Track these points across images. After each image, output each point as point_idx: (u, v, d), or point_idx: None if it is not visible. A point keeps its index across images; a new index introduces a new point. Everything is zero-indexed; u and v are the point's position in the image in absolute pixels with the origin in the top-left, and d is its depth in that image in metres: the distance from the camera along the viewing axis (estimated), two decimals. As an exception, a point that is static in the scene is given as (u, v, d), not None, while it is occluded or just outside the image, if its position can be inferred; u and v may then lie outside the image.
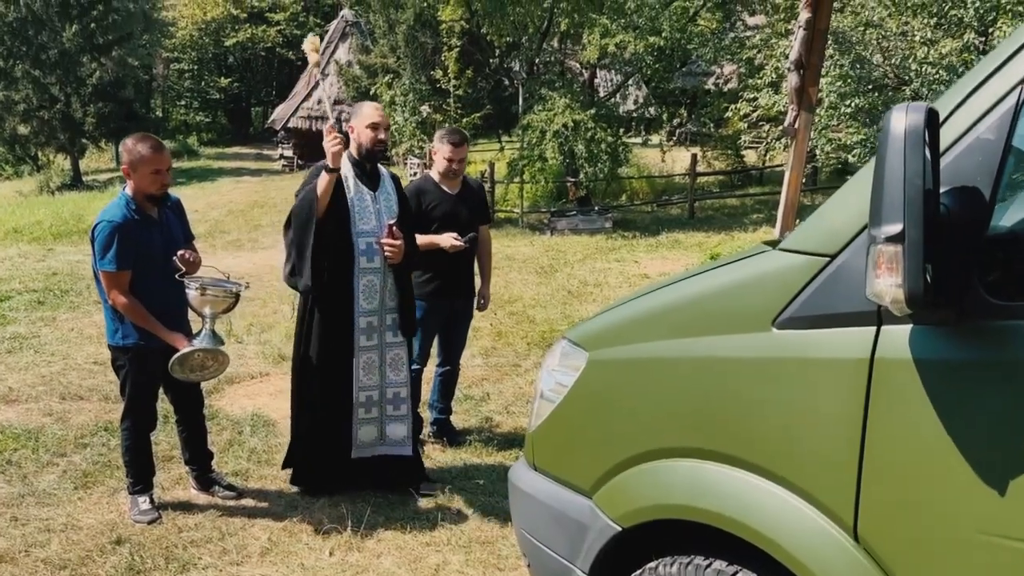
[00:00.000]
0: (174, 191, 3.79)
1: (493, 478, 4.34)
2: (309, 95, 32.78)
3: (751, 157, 20.88)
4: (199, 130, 41.97)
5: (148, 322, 3.46)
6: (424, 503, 3.97)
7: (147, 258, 3.49)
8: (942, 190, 1.46)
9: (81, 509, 3.81)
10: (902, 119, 1.36)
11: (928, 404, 1.53)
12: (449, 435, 4.78)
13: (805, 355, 1.70)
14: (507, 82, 19.21)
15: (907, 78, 9.72)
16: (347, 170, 3.83)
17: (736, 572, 1.85)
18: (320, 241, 3.68)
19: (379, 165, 4.00)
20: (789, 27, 12.78)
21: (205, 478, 3.98)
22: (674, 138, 23.86)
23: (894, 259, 1.35)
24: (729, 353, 1.82)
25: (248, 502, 3.96)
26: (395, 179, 4.11)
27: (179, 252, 3.50)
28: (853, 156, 9.99)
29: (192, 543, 3.51)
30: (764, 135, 13.44)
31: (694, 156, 16.80)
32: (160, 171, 3.50)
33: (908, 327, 1.56)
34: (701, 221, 15.64)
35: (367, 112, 3.87)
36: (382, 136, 3.85)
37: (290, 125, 32.51)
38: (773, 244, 1.97)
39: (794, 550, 1.70)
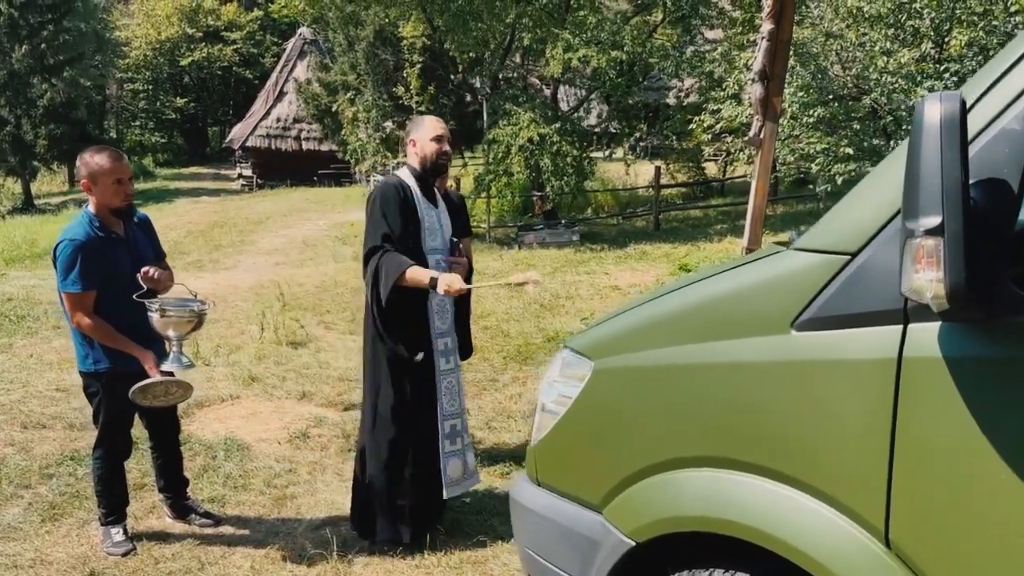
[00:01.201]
0: None
1: (479, 496, 4.24)
2: (268, 113, 32.48)
3: (711, 169, 21.12)
4: (154, 151, 41.29)
5: (117, 340, 3.30)
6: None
7: (113, 278, 3.32)
8: (971, 182, 1.42)
9: (49, 543, 3.62)
10: (936, 109, 1.32)
11: (960, 403, 1.49)
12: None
13: (827, 357, 1.65)
14: (470, 98, 19.20)
15: (867, 87, 9.88)
16: (413, 186, 3.67)
17: (759, 584, 1.79)
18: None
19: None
20: (752, 39, 12.95)
21: (181, 506, 3.82)
22: (634, 152, 24.04)
23: (933, 253, 1.31)
24: (746, 357, 1.76)
25: (226, 529, 3.81)
26: (445, 196, 4.00)
27: (143, 269, 3.34)
28: (816, 165, 10.11)
29: (170, 574, 3.35)
30: (726, 146, 13.58)
31: (658, 169, 16.91)
32: (122, 181, 3.35)
33: (936, 325, 1.52)
34: (666, 233, 15.72)
35: (430, 124, 3.72)
36: (446, 148, 3.71)
37: (249, 144, 32.17)
38: (786, 244, 1.93)
39: (823, 559, 1.64)
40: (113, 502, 3.57)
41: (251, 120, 32.88)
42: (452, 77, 18.52)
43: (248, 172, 33.00)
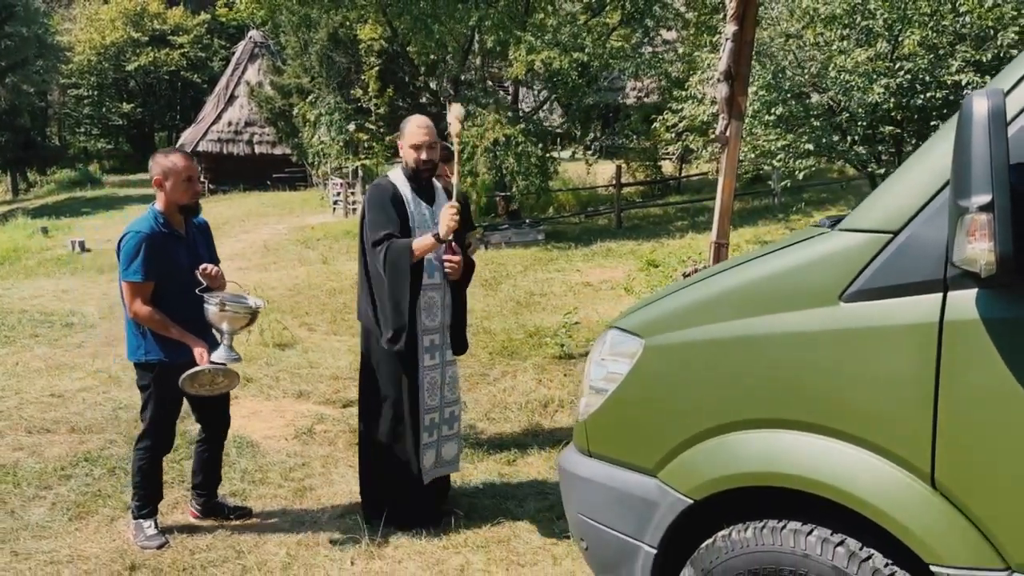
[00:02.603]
0: (81, 222, 3.76)
1: (491, 481, 4.42)
2: (219, 117, 32.08)
3: (667, 167, 21.58)
4: (100, 157, 40.45)
5: (170, 329, 3.47)
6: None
7: (171, 273, 3.51)
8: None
9: (81, 539, 3.69)
10: (984, 103, 1.54)
11: (996, 358, 1.71)
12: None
13: (874, 324, 1.86)
14: (429, 99, 19.30)
15: (824, 86, 10.30)
16: (403, 185, 3.81)
17: (811, 530, 2.00)
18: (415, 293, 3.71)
19: (433, 180, 3.95)
20: (707, 40, 13.35)
21: (211, 504, 3.91)
22: (589, 151, 24.41)
23: (986, 226, 1.53)
24: (799, 328, 1.97)
25: (253, 521, 3.92)
26: (449, 194, 3.98)
27: (203, 266, 3.52)
28: (778, 161, 10.49)
29: (210, 563, 3.46)
30: (687, 142, 13.96)
31: (618, 167, 17.25)
32: (192, 179, 3.58)
33: (973, 291, 1.74)
34: (629, 230, 16.06)
35: (410, 132, 3.76)
36: (424, 156, 3.75)
37: (200, 149, 31.69)
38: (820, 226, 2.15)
39: (875, 500, 1.86)
40: (149, 494, 3.67)
41: (202, 124, 32.44)
42: (407, 80, 18.61)
43: (199, 177, 32.56)
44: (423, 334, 3.84)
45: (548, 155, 15.23)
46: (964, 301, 1.76)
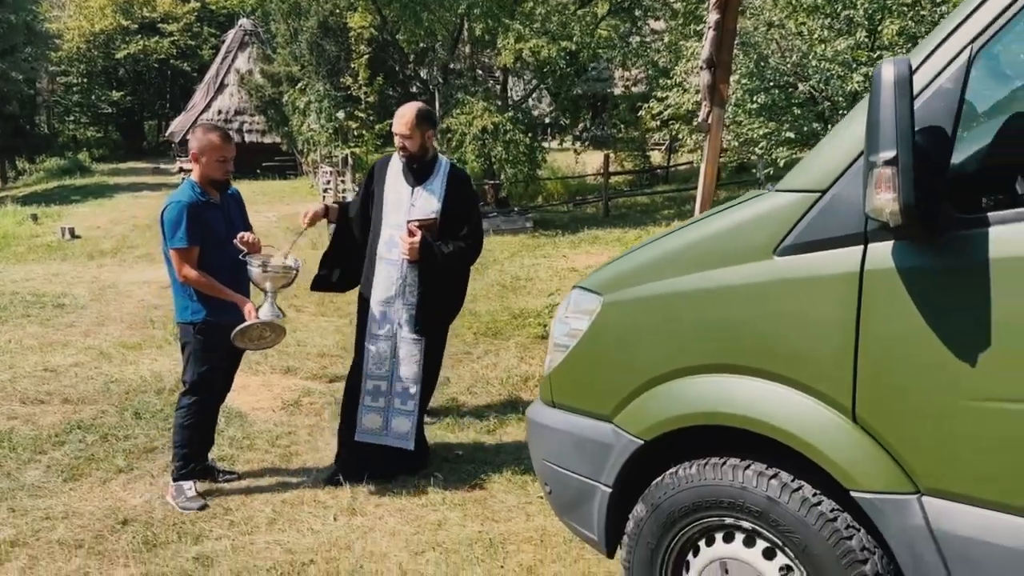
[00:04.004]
0: (71, 209, 3.95)
1: (470, 448, 4.61)
2: (208, 106, 32.09)
3: (655, 157, 21.77)
4: (89, 146, 40.33)
5: (217, 290, 3.70)
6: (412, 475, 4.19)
7: (209, 238, 3.73)
8: (916, 128, 1.82)
9: (76, 499, 3.86)
10: (891, 70, 1.72)
11: (910, 303, 1.89)
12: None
13: (803, 275, 2.04)
14: (418, 88, 19.40)
15: (805, 75, 10.48)
16: (397, 163, 4.14)
17: (748, 465, 2.19)
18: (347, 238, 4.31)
19: (441, 164, 4.16)
20: (695, 30, 13.50)
21: (203, 468, 4.06)
22: (579, 142, 24.58)
23: (891, 179, 1.71)
24: (738, 281, 2.15)
25: (241, 483, 4.09)
26: (455, 180, 4.15)
27: (240, 234, 3.77)
28: (760, 149, 10.69)
29: (199, 518, 3.64)
30: (673, 132, 14.13)
31: (606, 157, 17.42)
32: (226, 159, 3.78)
33: (890, 243, 1.92)
34: (616, 218, 16.24)
35: (395, 118, 4.07)
36: (398, 143, 4.04)
37: (189, 137, 31.63)
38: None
39: (804, 435, 2.04)
40: (191, 454, 3.86)
41: (192, 113, 32.41)
42: (397, 69, 18.69)
43: (189, 165, 32.47)
44: (374, 303, 4.11)
45: (537, 144, 15.36)
46: (882, 252, 1.93)
